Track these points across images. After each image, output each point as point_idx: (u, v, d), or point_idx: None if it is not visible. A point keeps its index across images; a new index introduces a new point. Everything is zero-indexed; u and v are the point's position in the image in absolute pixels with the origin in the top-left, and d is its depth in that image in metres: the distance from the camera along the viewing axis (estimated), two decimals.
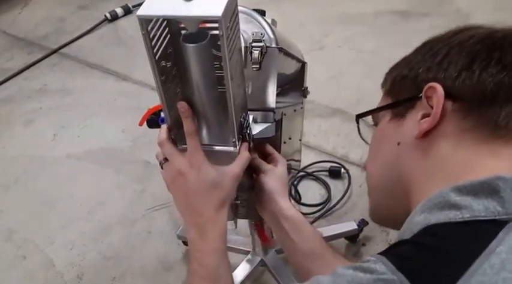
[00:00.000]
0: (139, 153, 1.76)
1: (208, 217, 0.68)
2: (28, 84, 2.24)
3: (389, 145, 0.59)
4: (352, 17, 2.39)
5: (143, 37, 0.57)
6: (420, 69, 0.56)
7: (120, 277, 1.38)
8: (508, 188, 0.44)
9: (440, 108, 0.51)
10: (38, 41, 2.54)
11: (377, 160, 0.63)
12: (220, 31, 0.55)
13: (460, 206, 0.44)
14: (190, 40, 0.60)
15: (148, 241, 1.46)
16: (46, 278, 1.41)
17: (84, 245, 1.48)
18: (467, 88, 0.51)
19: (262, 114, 0.81)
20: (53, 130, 1.94)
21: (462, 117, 0.51)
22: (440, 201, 0.46)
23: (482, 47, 0.52)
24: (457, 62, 0.52)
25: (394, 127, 0.59)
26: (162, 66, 0.63)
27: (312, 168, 1.60)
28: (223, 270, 0.68)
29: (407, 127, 0.56)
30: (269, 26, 0.83)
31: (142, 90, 2.09)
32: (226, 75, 0.60)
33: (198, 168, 0.66)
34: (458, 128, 0.51)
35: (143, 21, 0.56)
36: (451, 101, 0.51)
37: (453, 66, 0.52)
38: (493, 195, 0.44)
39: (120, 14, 2.62)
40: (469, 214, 0.43)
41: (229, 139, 0.70)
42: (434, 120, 0.51)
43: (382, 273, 0.41)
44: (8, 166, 1.81)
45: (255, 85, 0.81)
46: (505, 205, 0.43)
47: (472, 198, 0.44)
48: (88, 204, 1.61)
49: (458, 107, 0.51)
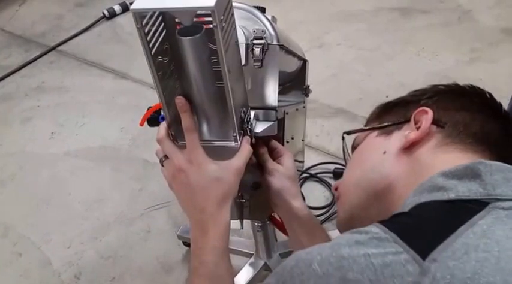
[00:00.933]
0: (138, 152, 1.75)
1: (210, 213, 0.67)
2: (26, 81, 2.22)
3: (374, 154, 0.65)
4: (351, 14, 2.38)
5: (138, 31, 0.58)
6: (412, 99, 0.67)
7: (119, 277, 1.36)
8: (488, 172, 0.50)
9: (429, 124, 0.60)
10: (35, 38, 2.53)
11: (360, 167, 0.68)
12: (214, 22, 0.55)
13: (447, 188, 0.50)
14: (185, 33, 0.60)
15: (147, 241, 1.45)
16: (42, 277, 1.40)
17: (82, 243, 1.47)
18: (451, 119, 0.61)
19: (264, 112, 0.81)
20: (51, 128, 1.93)
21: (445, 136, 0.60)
22: (429, 185, 0.53)
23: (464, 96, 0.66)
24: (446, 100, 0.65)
25: (380, 141, 0.66)
26: (159, 61, 0.63)
27: (316, 169, 1.59)
28: (222, 269, 0.67)
29: (394, 140, 0.64)
30: (270, 22, 0.82)
31: (141, 88, 2.08)
32: (223, 67, 0.60)
33: (198, 164, 0.66)
34: (441, 142, 0.60)
35: (137, 15, 0.56)
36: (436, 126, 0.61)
37: (443, 103, 0.64)
38: (476, 178, 0.50)
39: (117, 11, 2.61)
40: (454, 194, 0.49)
41: (230, 134, 0.69)
42: (422, 133, 0.60)
43: (376, 233, 0.46)
44: (5, 163, 1.79)
45: (257, 83, 0.80)
46: (486, 187, 0.49)
47: (457, 181, 0.51)
48: (86, 202, 1.59)
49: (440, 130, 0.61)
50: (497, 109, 0.65)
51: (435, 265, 0.42)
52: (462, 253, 0.42)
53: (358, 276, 0.43)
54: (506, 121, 0.64)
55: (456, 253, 0.42)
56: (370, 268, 0.43)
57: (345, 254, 0.45)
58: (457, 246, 0.43)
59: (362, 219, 0.63)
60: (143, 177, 1.65)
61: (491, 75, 1.84)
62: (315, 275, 0.46)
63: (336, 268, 0.45)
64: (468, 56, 1.99)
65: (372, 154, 0.66)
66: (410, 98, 0.68)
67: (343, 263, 0.45)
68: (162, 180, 0.73)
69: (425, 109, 0.62)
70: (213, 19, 0.55)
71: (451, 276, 0.41)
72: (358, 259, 0.44)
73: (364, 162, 0.68)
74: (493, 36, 2.10)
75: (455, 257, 0.42)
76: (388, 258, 0.43)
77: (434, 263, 0.42)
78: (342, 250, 0.46)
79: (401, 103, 0.69)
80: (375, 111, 0.73)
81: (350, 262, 0.44)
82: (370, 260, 0.44)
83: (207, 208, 0.67)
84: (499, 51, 2.02)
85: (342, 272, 0.44)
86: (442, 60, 1.97)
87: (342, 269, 0.44)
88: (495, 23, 2.17)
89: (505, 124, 0.63)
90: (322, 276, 0.45)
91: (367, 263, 0.44)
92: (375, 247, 0.45)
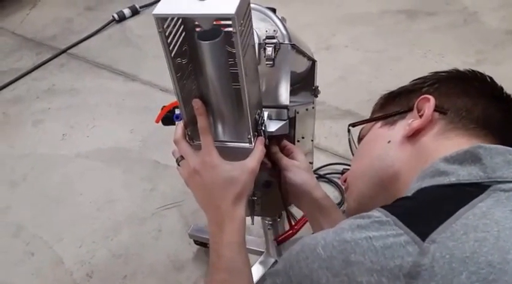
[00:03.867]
0: (148, 153, 1.77)
1: (225, 210, 0.69)
2: (37, 84, 2.25)
3: (379, 144, 0.67)
4: (357, 17, 2.40)
5: (159, 35, 0.59)
6: (413, 87, 0.68)
7: (130, 275, 1.38)
8: (488, 155, 0.51)
9: (431, 111, 0.61)
10: (46, 41, 2.56)
11: (366, 158, 0.70)
12: (233, 28, 0.57)
13: (448, 172, 0.52)
14: (204, 37, 0.62)
15: (158, 240, 1.47)
16: (55, 275, 1.42)
17: (94, 242, 1.48)
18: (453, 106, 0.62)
19: (277, 111, 0.83)
20: (62, 130, 1.95)
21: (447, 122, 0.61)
22: (431, 170, 0.54)
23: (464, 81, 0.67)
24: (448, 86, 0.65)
25: (384, 131, 0.68)
26: (178, 63, 0.64)
27: (325, 170, 1.60)
28: (240, 262, 0.69)
29: (398, 129, 0.65)
30: (281, 22, 0.84)
31: (150, 90, 2.10)
32: (240, 71, 0.62)
33: (212, 166, 0.69)
34: (443, 129, 0.61)
35: (159, 19, 0.58)
36: (439, 113, 0.62)
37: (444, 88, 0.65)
38: (476, 162, 0.51)
39: (127, 14, 2.63)
40: (454, 178, 0.51)
41: (245, 136, 0.71)
42: (425, 121, 0.61)
43: (378, 217, 0.48)
44: (17, 164, 1.82)
45: (269, 82, 0.82)
46: (486, 170, 0.50)
47: (458, 166, 0.52)
48: (97, 201, 1.62)
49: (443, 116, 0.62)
50: (498, 93, 0.66)
51: (434, 246, 0.43)
52: (461, 234, 0.43)
53: (360, 258, 0.45)
54: (508, 105, 0.65)
55: (455, 234, 0.44)
56: (372, 250, 0.45)
57: (348, 238, 0.47)
58: (456, 227, 0.44)
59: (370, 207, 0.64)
60: (154, 177, 1.67)
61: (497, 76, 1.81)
62: (319, 259, 0.48)
63: (339, 251, 0.47)
64: (474, 57, 2.00)
65: (377, 144, 0.68)
66: (412, 87, 0.69)
67: (346, 246, 0.47)
68: (172, 180, 0.75)
69: (427, 97, 0.62)
70: (233, 26, 0.56)
71: (450, 256, 0.42)
72: (360, 242, 0.46)
73: (369, 152, 0.69)
74: (498, 38, 2.11)
75: (455, 238, 0.43)
76: (389, 240, 0.45)
77: (434, 244, 0.43)
78: (345, 234, 0.48)
79: (403, 92, 0.70)
80: (379, 102, 0.75)
81: (352, 244, 0.46)
82: (372, 243, 0.45)
83: (223, 206, 0.69)
84: (505, 52, 2.02)
85: (345, 254, 0.46)
86: (449, 62, 1.97)
87: (344, 252, 0.46)
88: (500, 24, 2.18)
89: (507, 107, 0.64)
90: (326, 259, 0.47)
91: (368, 245, 0.45)
92: (376, 230, 0.46)
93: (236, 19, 0.56)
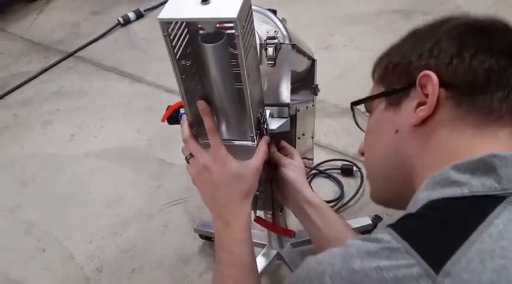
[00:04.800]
0: (154, 152, 1.81)
1: (233, 207, 0.72)
2: (45, 86, 2.30)
3: (386, 134, 0.61)
4: (355, 17, 2.42)
5: (164, 39, 0.61)
6: (412, 57, 0.58)
7: (139, 269, 1.43)
8: (503, 165, 0.46)
9: (435, 97, 0.53)
10: (54, 45, 2.61)
11: (375, 149, 0.65)
12: (236, 31, 0.58)
13: (460, 183, 0.47)
14: (208, 40, 0.64)
15: (165, 235, 1.51)
16: (66, 270, 1.46)
17: (103, 238, 1.53)
18: (459, 75, 0.53)
19: (278, 109, 0.85)
20: (71, 130, 2.00)
21: (456, 104, 0.53)
22: (441, 178, 0.49)
23: (470, 34, 0.55)
24: (447, 49, 0.55)
25: (390, 116, 0.60)
26: (183, 65, 0.66)
27: (324, 166, 1.63)
28: (248, 257, 0.72)
29: (404, 116, 0.58)
30: (282, 23, 0.86)
31: (156, 91, 2.14)
32: (242, 72, 0.63)
33: (222, 162, 0.71)
34: (453, 115, 0.53)
35: (164, 24, 0.60)
36: (444, 88, 0.53)
37: (444, 54, 0.54)
38: (490, 173, 0.46)
39: (132, 18, 2.68)
40: (467, 190, 0.46)
41: (247, 134, 0.73)
42: (430, 108, 0.54)
43: (388, 242, 0.44)
44: (27, 164, 1.87)
45: (270, 81, 0.85)
46: (502, 181, 0.45)
47: (471, 176, 0.47)
48: (105, 199, 1.66)
49: (452, 94, 0.53)
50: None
51: (449, 280, 0.40)
52: (477, 263, 0.40)
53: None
54: None
55: (471, 263, 0.40)
56: (382, 282, 0.42)
57: (357, 267, 0.44)
58: (471, 255, 0.41)
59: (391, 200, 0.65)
60: (160, 175, 1.71)
61: None
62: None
63: (348, 282, 0.44)
64: None
65: (384, 133, 0.62)
66: (411, 54, 0.59)
67: (355, 277, 0.44)
68: (177, 177, 0.78)
69: (427, 74, 0.54)
70: (235, 29, 0.58)
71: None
72: (370, 273, 0.43)
73: (378, 141, 0.64)
74: None
75: (470, 268, 0.40)
76: (401, 272, 0.42)
77: (448, 277, 0.40)
78: (354, 262, 0.45)
79: (402, 63, 0.60)
80: (377, 70, 0.67)
81: (362, 276, 0.43)
82: (382, 274, 0.42)
83: (230, 203, 0.72)
84: None
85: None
86: None
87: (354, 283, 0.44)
88: None
89: None
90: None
91: (379, 277, 0.42)
92: (387, 259, 0.43)
93: (238, 22, 0.57)
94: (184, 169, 0.79)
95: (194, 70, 0.70)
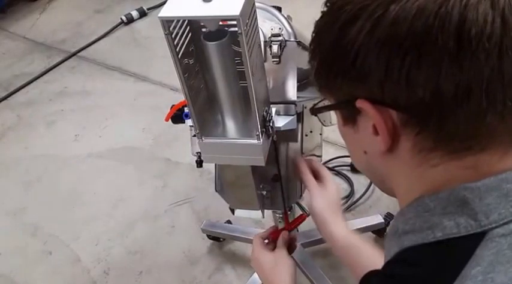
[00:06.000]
0: (160, 151, 1.80)
1: None
2: (49, 86, 2.29)
3: (356, 151, 0.50)
4: None
5: (166, 37, 0.59)
6: (337, 75, 0.43)
7: (146, 271, 1.41)
8: (476, 198, 0.39)
9: (384, 129, 0.41)
10: (56, 45, 2.60)
11: (353, 160, 0.55)
12: (239, 29, 0.57)
13: (430, 224, 0.40)
14: (211, 38, 0.63)
15: (172, 236, 1.49)
16: (73, 273, 1.45)
17: (109, 240, 1.52)
18: (400, 96, 0.39)
19: (284, 106, 0.84)
20: (75, 130, 1.99)
21: (415, 132, 0.41)
22: (410, 217, 0.43)
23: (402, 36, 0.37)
24: (377, 62, 0.39)
25: (351, 134, 0.48)
26: (185, 63, 0.65)
27: (333, 163, 1.62)
28: None
29: (366, 138, 0.45)
30: (287, 20, 0.85)
31: (160, 90, 2.13)
32: (247, 70, 0.62)
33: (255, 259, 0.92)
34: (418, 147, 0.42)
35: (165, 22, 0.58)
36: (394, 111, 0.41)
37: (374, 69, 0.39)
38: (463, 208, 0.39)
39: (135, 16, 2.66)
40: (441, 233, 0.39)
41: (253, 133, 0.72)
42: (386, 141, 0.42)
43: None
44: (31, 165, 1.86)
45: (276, 79, 0.83)
46: (478, 217, 0.38)
47: (441, 214, 0.40)
48: (111, 200, 1.65)
49: (405, 119, 0.40)
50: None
51: None
52: None
53: None
54: None
55: None
56: None
57: None
58: None
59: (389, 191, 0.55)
60: (165, 174, 1.69)
61: None
62: None
63: None
64: None
65: (354, 150, 0.51)
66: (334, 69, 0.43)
67: None
68: (183, 177, 0.77)
69: (361, 106, 0.41)
70: (238, 27, 0.56)
71: None
72: None
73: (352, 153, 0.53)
74: None
75: None
76: None
77: None
78: None
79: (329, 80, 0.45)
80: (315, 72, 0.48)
81: None
82: None
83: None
84: None
85: None
86: None
87: None
88: None
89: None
90: None
91: None
92: None
93: (241, 20, 0.56)
94: (190, 168, 0.77)
95: (197, 68, 0.69)
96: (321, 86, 0.48)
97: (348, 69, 0.41)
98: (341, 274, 1.28)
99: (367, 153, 0.48)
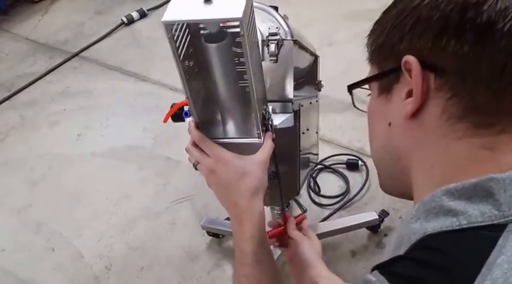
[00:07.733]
0: (161, 150, 1.83)
1: (243, 206, 0.70)
2: (51, 87, 2.32)
3: (380, 126, 0.54)
4: (359, 13, 2.41)
5: (169, 41, 0.59)
6: (394, 38, 0.49)
7: (147, 267, 1.44)
8: (501, 189, 0.41)
9: (419, 89, 0.45)
10: (58, 45, 2.62)
11: (373, 140, 0.58)
12: (241, 31, 0.57)
13: (456, 212, 0.42)
14: (211, 40, 0.63)
15: (173, 232, 1.52)
16: (75, 269, 1.47)
17: (111, 237, 1.54)
18: (445, 60, 0.44)
19: (281, 104, 0.86)
20: (77, 130, 2.01)
21: (447, 97, 0.44)
22: (434, 205, 0.44)
23: (454, 7, 0.43)
24: (429, 28, 0.44)
25: (382, 105, 0.53)
26: (186, 65, 0.65)
27: (330, 161, 1.64)
28: (262, 255, 0.71)
29: (395, 106, 0.50)
30: (283, 20, 0.87)
31: (160, 90, 2.15)
32: (248, 71, 0.63)
33: (224, 162, 0.70)
34: (446, 113, 0.45)
35: (168, 26, 0.58)
36: (433, 74, 0.45)
37: (426, 34, 0.45)
38: (488, 198, 0.41)
39: (136, 17, 2.69)
40: (466, 221, 0.41)
41: (254, 132, 0.73)
42: (417, 102, 0.46)
43: None
44: (35, 164, 1.88)
45: (273, 77, 0.85)
46: (501, 207, 0.40)
47: (466, 202, 0.42)
48: (113, 197, 1.67)
49: (441, 84, 0.44)
50: None
51: None
52: None
53: None
54: None
55: None
56: None
57: None
58: None
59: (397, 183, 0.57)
60: (166, 173, 1.72)
61: None
62: None
63: None
64: None
65: (377, 124, 0.55)
66: (393, 34, 0.49)
67: None
68: (184, 175, 0.78)
69: (408, 60, 0.46)
70: (241, 29, 0.57)
71: None
72: None
73: (373, 133, 0.58)
74: None
75: None
76: None
77: None
78: None
79: (385, 46, 0.51)
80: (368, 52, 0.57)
81: None
82: None
83: (240, 202, 0.70)
84: None
85: None
86: None
87: None
88: None
89: None
90: None
91: None
92: None
93: (244, 22, 0.56)
94: (191, 166, 0.79)
95: (197, 69, 0.70)
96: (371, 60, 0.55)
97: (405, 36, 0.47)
98: (337, 269, 1.30)
99: (391, 125, 0.51)
